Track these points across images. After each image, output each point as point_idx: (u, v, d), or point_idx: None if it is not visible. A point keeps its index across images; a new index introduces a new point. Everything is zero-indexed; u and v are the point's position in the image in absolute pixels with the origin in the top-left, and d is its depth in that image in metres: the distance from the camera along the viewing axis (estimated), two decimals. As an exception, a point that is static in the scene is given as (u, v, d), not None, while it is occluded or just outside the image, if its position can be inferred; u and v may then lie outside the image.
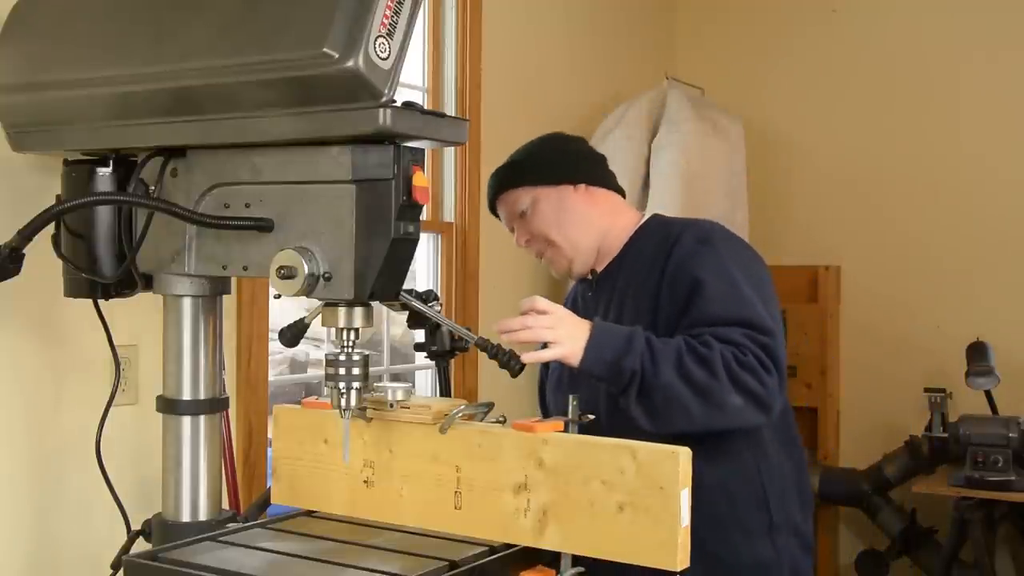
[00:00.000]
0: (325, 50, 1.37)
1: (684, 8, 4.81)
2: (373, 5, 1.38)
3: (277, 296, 1.51)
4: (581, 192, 2.09)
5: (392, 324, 3.40)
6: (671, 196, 3.64)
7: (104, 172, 1.72)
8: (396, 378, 3.49)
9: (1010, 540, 4.08)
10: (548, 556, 1.50)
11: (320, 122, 1.44)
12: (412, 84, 3.36)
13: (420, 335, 1.97)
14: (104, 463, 1.81)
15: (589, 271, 2.10)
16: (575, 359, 1.77)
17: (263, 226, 1.52)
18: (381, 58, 1.39)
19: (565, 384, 2.06)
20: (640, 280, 2.00)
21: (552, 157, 2.13)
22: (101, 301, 1.78)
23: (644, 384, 1.76)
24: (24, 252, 1.53)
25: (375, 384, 1.57)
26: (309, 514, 1.75)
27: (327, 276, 1.46)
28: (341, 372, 1.50)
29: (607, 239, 2.08)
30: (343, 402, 1.51)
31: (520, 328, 1.76)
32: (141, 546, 1.69)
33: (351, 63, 1.36)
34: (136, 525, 1.77)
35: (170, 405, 1.70)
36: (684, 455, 1.38)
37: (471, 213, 3.46)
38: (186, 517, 1.69)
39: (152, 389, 1.75)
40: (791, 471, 2.02)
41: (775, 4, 4.64)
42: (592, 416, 1.55)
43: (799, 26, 4.58)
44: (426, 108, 1.48)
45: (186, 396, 1.69)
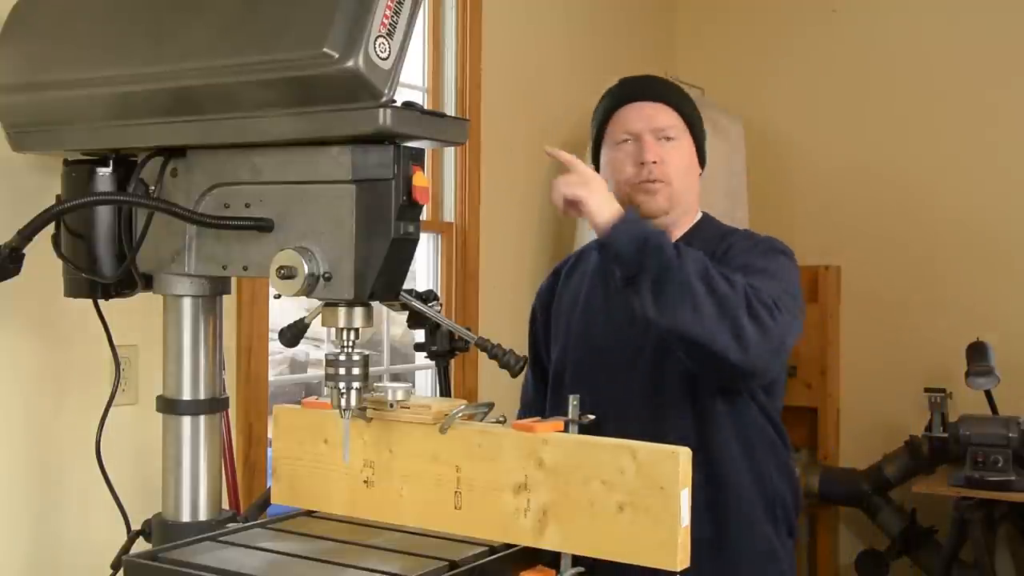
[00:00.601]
0: (325, 50, 1.37)
1: (684, 8, 4.81)
2: (373, 5, 1.38)
3: (277, 296, 1.51)
4: (697, 171, 2.12)
5: (392, 324, 3.40)
6: (671, 196, 3.63)
7: (104, 172, 1.72)
8: (396, 378, 3.49)
9: (1010, 540, 4.08)
10: (548, 556, 1.50)
11: (320, 122, 1.43)
12: (412, 84, 3.36)
13: (420, 335, 1.96)
14: (104, 463, 1.81)
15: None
16: (600, 218, 1.78)
17: (263, 226, 1.52)
18: (381, 58, 1.39)
19: (567, 383, 2.05)
20: None
21: (701, 118, 2.15)
22: (101, 301, 1.78)
23: (664, 270, 1.74)
24: (24, 252, 1.53)
25: (375, 384, 1.56)
26: (309, 514, 1.75)
27: (327, 276, 1.46)
28: (341, 372, 1.50)
29: (672, 227, 2.06)
30: (343, 402, 1.51)
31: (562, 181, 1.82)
32: (141, 546, 1.69)
33: (351, 63, 1.36)
34: (136, 525, 1.76)
35: (170, 405, 1.70)
36: (684, 455, 1.38)
37: (471, 213, 3.46)
38: (186, 517, 1.69)
39: (152, 389, 1.75)
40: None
41: (775, 4, 4.64)
42: (592, 416, 1.55)
43: (799, 26, 4.58)
44: (426, 108, 1.48)
45: (186, 396, 1.69)
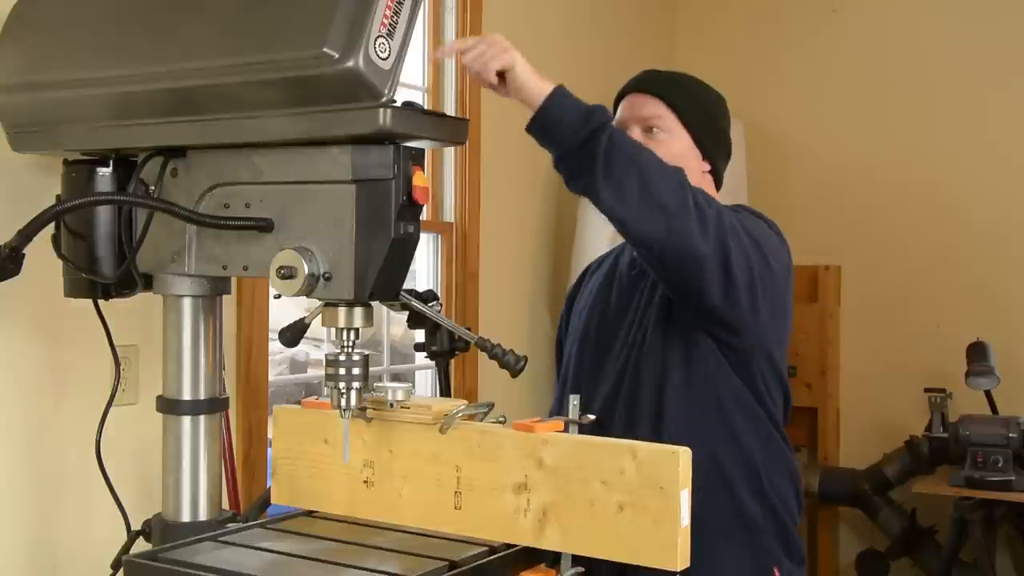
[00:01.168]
0: (325, 50, 1.37)
1: (684, 8, 4.81)
2: (373, 5, 1.38)
3: (277, 296, 1.51)
4: (700, 168, 1.99)
5: (392, 324, 3.40)
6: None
7: (104, 172, 1.72)
8: (396, 378, 3.48)
9: (1010, 540, 4.07)
10: (548, 556, 1.50)
11: (320, 122, 1.44)
12: (412, 84, 3.36)
13: (420, 335, 1.96)
14: (104, 463, 1.81)
15: None
16: (533, 88, 1.68)
17: (263, 226, 1.52)
18: (381, 58, 1.39)
19: (571, 381, 2.04)
20: None
21: (711, 112, 2.00)
22: (101, 301, 1.78)
23: (612, 138, 1.65)
24: (24, 252, 1.53)
25: (375, 384, 1.57)
26: (309, 514, 1.75)
27: (327, 276, 1.46)
28: (341, 372, 1.50)
29: None
30: (343, 402, 1.51)
31: (472, 48, 1.67)
32: (141, 546, 1.69)
33: (351, 63, 1.37)
34: (136, 525, 1.77)
35: (170, 405, 1.70)
36: (684, 455, 1.38)
37: (471, 213, 3.45)
38: (186, 517, 1.69)
39: (152, 389, 1.75)
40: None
41: (775, 4, 4.64)
42: (592, 416, 1.55)
43: (799, 26, 4.57)
44: (426, 108, 1.48)
45: (186, 396, 1.69)
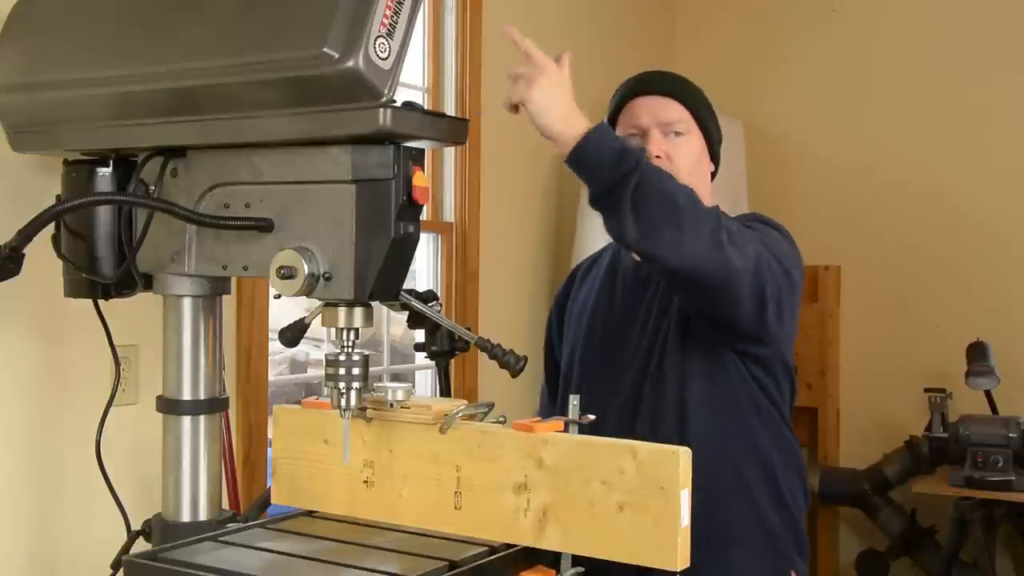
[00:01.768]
0: (325, 50, 1.36)
1: (684, 8, 4.81)
2: (373, 5, 1.38)
3: (277, 296, 1.51)
4: (709, 168, 2.08)
5: (392, 324, 3.40)
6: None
7: (104, 172, 1.72)
8: (396, 378, 3.49)
9: (1010, 540, 4.08)
10: (548, 556, 1.50)
11: (320, 122, 1.43)
12: (412, 84, 3.36)
13: (420, 335, 1.96)
14: (104, 463, 1.81)
15: None
16: (555, 129, 1.70)
17: (263, 226, 1.52)
18: (381, 58, 1.39)
19: (574, 384, 2.05)
20: None
21: (713, 112, 2.08)
22: (101, 301, 1.78)
23: (644, 181, 1.65)
24: (24, 252, 1.53)
25: (375, 384, 1.56)
26: (309, 514, 1.75)
27: (327, 276, 1.46)
28: (341, 372, 1.50)
29: None
30: (343, 402, 1.51)
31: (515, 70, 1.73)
32: (141, 546, 1.69)
33: (351, 63, 1.36)
34: (136, 525, 1.76)
35: (170, 405, 1.69)
36: (684, 455, 1.38)
37: (471, 213, 3.45)
38: (186, 517, 1.69)
39: (152, 389, 1.75)
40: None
41: (774, 4, 4.64)
42: (592, 416, 1.55)
43: (799, 26, 4.57)
44: (426, 108, 1.48)
45: (186, 396, 1.69)
